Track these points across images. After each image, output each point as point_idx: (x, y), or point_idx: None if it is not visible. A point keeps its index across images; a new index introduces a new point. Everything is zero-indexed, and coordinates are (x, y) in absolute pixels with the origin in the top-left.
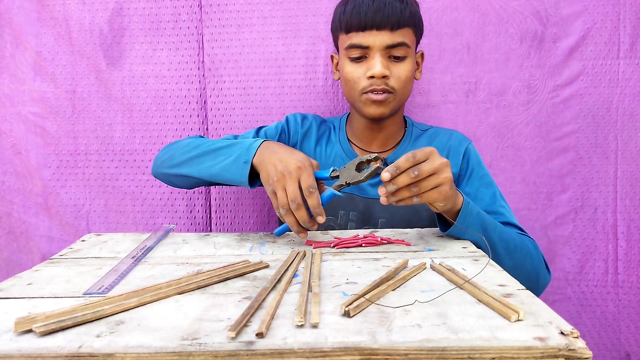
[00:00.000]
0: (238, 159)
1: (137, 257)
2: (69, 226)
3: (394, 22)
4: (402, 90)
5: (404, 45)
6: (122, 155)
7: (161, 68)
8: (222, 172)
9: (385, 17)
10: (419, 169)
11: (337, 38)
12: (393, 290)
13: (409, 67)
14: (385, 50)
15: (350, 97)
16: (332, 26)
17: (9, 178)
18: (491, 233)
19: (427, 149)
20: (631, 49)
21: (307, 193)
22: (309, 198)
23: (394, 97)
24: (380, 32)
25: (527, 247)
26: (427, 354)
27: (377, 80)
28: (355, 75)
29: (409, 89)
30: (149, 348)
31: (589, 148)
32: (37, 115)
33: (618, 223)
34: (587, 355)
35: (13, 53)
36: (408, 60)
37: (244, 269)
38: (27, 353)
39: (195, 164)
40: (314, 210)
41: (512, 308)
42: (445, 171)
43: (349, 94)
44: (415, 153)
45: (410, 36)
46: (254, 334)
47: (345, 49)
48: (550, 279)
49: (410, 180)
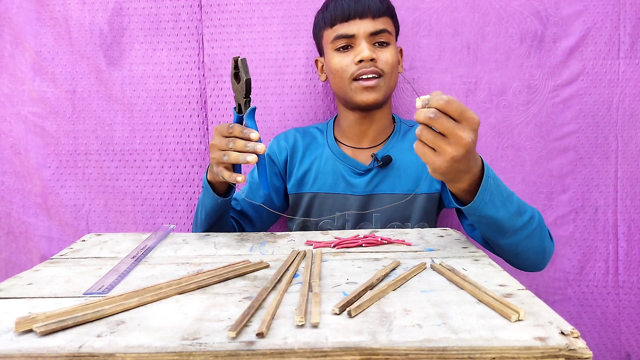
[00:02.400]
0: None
1: (137, 257)
2: (68, 226)
3: (375, 11)
4: (390, 74)
5: (386, 32)
6: (123, 155)
7: (161, 68)
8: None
9: (366, 6)
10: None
11: (321, 38)
12: (394, 290)
13: (394, 52)
14: (370, 37)
15: (339, 90)
16: (314, 30)
17: (8, 178)
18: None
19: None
20: (631, 48)
21: (228, 132)
22: (234, 130)
23: (384, 81)
24: (362, 20)
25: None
26: (428, 354)
27: (366, 63)
28: (344, 64)
29: (395, 74)
30: (149, 348)
31: (589, 148)
32: (37, 115)
33: (618, 223)
34: (587, 355)
35: (12, 53)
36: (392, 47)
37: (244, 269)
38: (28, 353)
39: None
40: (243, 135)
41: (512, 308)
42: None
43: (338, 86)
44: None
45: (390, 25)
46: (254, 334)
47: (331, 42)
48: (554, 247)
49: (426, 120)
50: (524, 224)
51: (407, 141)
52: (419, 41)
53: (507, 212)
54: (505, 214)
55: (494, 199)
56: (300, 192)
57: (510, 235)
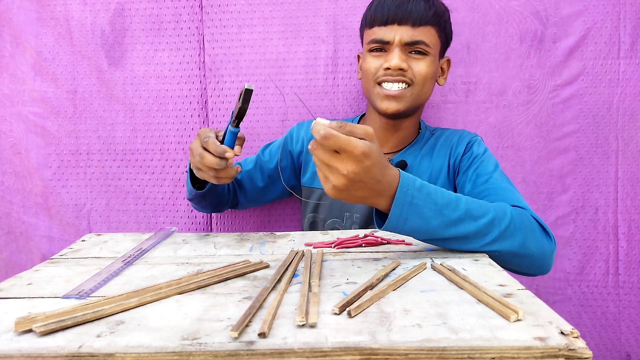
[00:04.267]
0: None
1: (129, 260)
2: (69, 226)
3: (416, 18)
4: (420, 85)
5: (423, 43)
6: (124, 154)
7: (162, 68)
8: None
9: (407, 12)
10: (315, 149)
11: (362, 36)
12: (394, 290)
13: (429, 64)
14: (405, 46)
15: (366, 91)
16: (360, 25)
17: (8, 178)
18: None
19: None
20: (631, 48)
21: (203, 144)
22: (207, 145)
23: (412, 90)
24: (401, 27)
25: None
26: (427, 354)
27: (393, 72)
28: (373, 66)
29: (428, 87)
30: (149, 348)
31: (589, 148)
32: (38, 115)
33: (619, 223)
34: (587, 355)
35: (13, 53)
36: (428, 59)
37: (244, 269)
38: (27, 353)
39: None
40: (215, 151)
41: (511, 308)
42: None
43: (365, 87)
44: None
45: (433, 36)
46: (254, 334)
47: (367, 44)
48: (554, 246)
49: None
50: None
51: (426, 148)
52: None
53: (446, 219)
54: (441, 223)
55: (422, 210)
56: (313, 187)
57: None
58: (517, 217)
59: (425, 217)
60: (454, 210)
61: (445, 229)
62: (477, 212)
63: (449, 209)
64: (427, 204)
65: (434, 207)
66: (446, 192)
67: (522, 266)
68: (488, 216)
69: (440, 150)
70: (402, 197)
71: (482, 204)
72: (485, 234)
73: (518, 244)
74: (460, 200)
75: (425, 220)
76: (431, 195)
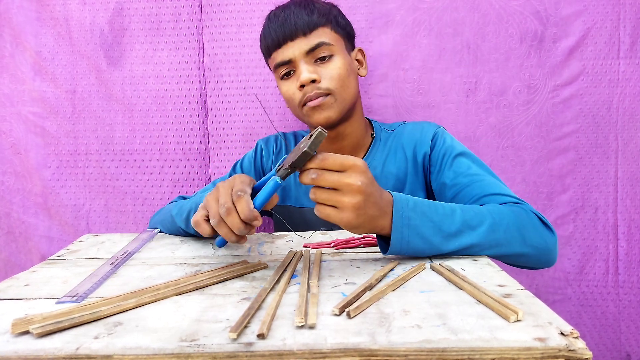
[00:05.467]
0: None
1: (116, 263)
2: (68, 226)
3: (304, 27)
4: (339, 88)
5: (323, 44)
6: (123, 155)
7: (161, 68)
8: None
9: (294, 25)
10: (320, 175)
11: (269, 66)
12: (393, 290)
13: (339, 63)
14: (307, 56)
15: (296, 115)
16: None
17: (8, 178)
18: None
19: (349, 160)
20: (631, 48)
21: (235, 197)
22: (238, 203)
23: (333, 98)
24: (294, 41)
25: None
26: (427, 354)
27: (308, 87)
28: (290, 92)
29: (348, 86)
30: (147, 349)
31: (589, 148)
32: (37, 115)
33: (619, 223)
34: (587, 355)
35: (13, 53)
36: (336, 58)
37: (243, 269)
38: (24, 355)
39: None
40: (244, 215)
41: (511, 308)
42: (350, 195)
43: (293, 112)
44: (328, 156)
45: (329, 34)
46: (253, 335)
47: (275, 71)
48: (555, 237)
49: (310, 181)
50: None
51: (387, 149)
52: (419, 41)
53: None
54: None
55: (421, 230)
56: (285, 205)
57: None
58: (515, 217)
59: (425, 236)
60: (451, 224)
61: (446, 244)
62: (474, 222)
63: (445, 223)
64: (424, 223)
65: (431, 224)
66: (439, 206)
67: (528, 262)
68: (485, 223)
69: (403, 150)
70: (399, 221)
71: (476, 211)
72: (486, 241)
73: (520, 244)
74: (455, 213)
75: (425, 239)
76: (426, 214)
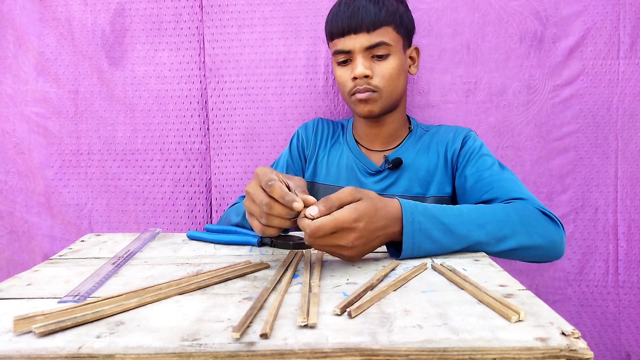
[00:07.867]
0: None
1: (118, 263)
2: (71, 225)
3: (369, 24)
4: (387, 87)
5: (383, 44)
6: (125, 154)
7: (163, 68)
8: None
9: (360, 21)
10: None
11: (328, 45)
12: (394, 290)
13: (393, 64)
14: (366, 51)
15: (344, 99)
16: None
17: (12, 177)
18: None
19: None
20: (631, 49)
21: (268, 189)
22: (273, 193)
23: (380, 95)
24: (357, 35)
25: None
26: (428, 354)
27: (360, 80)
28: (343, 79)
29: (397, 85)
30: (149, 349)
31: (589, 148)
32: (40, 115)
33: (619, 223)
34: (588, 355)
35: (16, 53)
36: (391, 58)
37: (245, 269)
38: (27, 354)
39: None
40: (283, 200)
41: (512, 309)
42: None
43: (342, 96)
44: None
45: (391, 34)
46: (254, 335)
47: (333, 55)
48: (562, 231)
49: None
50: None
51: (420, 144)
52: (419, 41)
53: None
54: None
55: (432, 233)
56: (313, 182)
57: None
58: (519, 213)
59: (436, 238)
60: (460, 224)
61: (456, 244)
62: (480, 220)
63: (455, 224)
64: (435, 226)
65: (442, 226)
66: (448, 209)
67: (534, 257)
68: (492, 221)
69: (436, 147)
70: (410, 226)
71: (482, 210)
72: (493, 238)
73: (525, 239)
74: (463, 213)
75: (436, 242)
76: (436, 217)
